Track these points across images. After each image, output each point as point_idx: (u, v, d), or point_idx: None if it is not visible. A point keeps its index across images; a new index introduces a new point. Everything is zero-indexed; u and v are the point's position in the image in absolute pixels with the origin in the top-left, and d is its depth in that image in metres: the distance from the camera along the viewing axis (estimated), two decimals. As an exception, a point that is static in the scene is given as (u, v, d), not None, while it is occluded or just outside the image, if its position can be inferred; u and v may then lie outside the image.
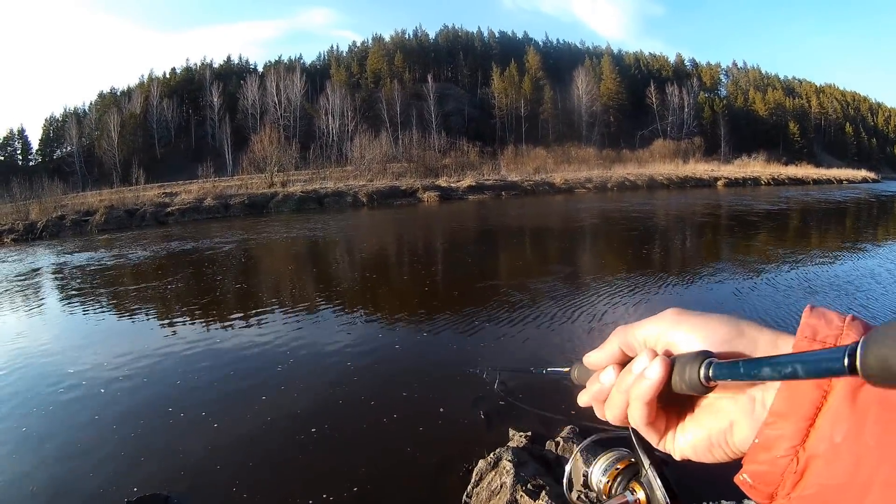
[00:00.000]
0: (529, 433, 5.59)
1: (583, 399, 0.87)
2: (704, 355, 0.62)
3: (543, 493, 4.35)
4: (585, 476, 1.13)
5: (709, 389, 0.62)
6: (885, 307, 10.62)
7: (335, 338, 9.86)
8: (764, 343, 0.65)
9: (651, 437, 0.74)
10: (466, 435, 5.91)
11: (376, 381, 7.69)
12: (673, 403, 0.71)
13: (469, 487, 4.79)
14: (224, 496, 5.13)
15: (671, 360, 0.67)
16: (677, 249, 19.33)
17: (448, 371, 7.99)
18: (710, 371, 0.60)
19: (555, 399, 6.36)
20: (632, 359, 0.76)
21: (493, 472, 4.76)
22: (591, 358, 0.82)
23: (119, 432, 6.37)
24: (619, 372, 0.76)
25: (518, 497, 4.36)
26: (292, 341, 9.68)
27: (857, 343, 0.46)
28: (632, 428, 0.80)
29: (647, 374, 0.67)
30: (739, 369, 0.57)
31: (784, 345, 0.63)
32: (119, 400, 7.31)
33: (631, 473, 0.99)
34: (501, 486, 4.53)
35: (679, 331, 0.71)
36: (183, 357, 9.09)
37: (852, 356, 0.46)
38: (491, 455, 5.01)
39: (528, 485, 4.48)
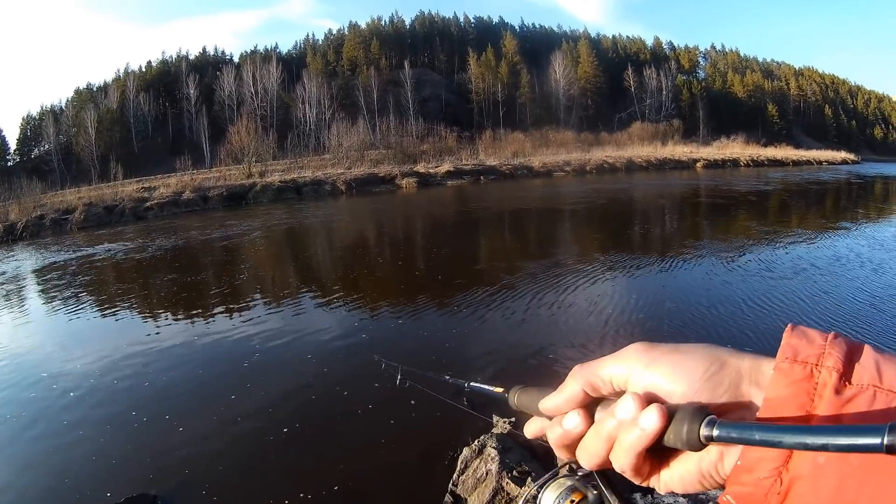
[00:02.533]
0: (513, 419, 5.57)
1: (531, 431, 0.86)
2: (703, 413, 0.59)
3: (529, 479, 4.36)
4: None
5: (705, 446, 0.59)
6: (846, 293, 10.58)
7: (301, 329, 9.87)
8: (746, 370, 0.63)
9: (635, 479, 0.70)
10: (450, 422, 5.89)
11: (348, 373, 7.66)
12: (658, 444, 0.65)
13: (455, 475, 4.79)
14: (203, 500, 5.08)
15: (668, 410, 0.62)
16: (650, 234, 19.40)
17: (426, 360, 7.97)
18: (714, 431, 0.57)
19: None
20: (595, 399, 0.74)
21: (479, 460, 4.76)
22: (548, 403, 0.78)
23: (90, 436, 6.36)
24: (584, 416, 0.73)
25: (504, 484, 4.36)
26: (259, 335, 9.63)
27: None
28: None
29: (643, 425, 0.63)
30: (753, 435, 0.54)
31: (766, 368, 0.62)
32: (90, 402, 7.31)
33: None
34: (487, 474, 4.53)
35: (653, 371, 0.67)
36: (149, 356, 9.02)
37: (893, 436, 0.44)
38: (475, 442, 5.01)
39: (514, 471, 4.48)
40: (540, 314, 9.95)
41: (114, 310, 12.28)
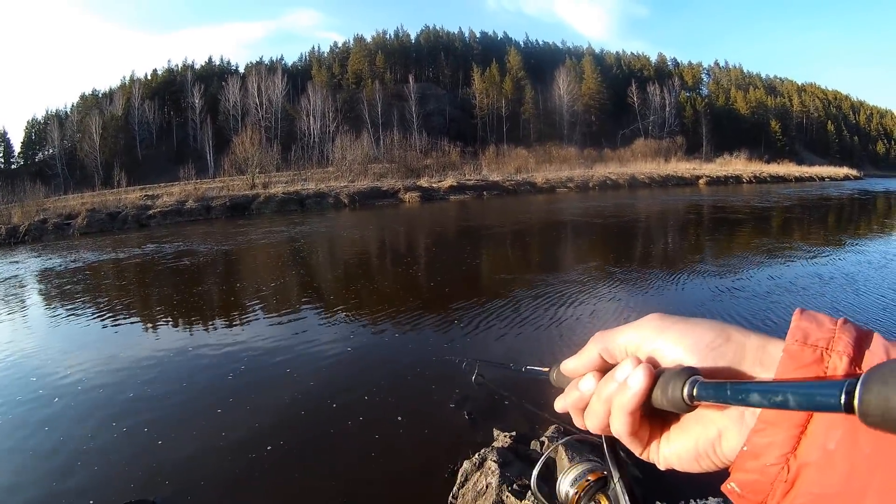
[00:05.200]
0: (514, 433, 5.55)
1: (559, 405, 0.84)
2: (689, 372, 0.60)
3: (529, 493, 4.35)
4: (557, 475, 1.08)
5: (692, 408, 0.60)
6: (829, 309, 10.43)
7: (294, 341, 9.75)
8: (752, 348, 0.63)
9: (634, 448, 0.71)
10: (450, 436, 5.86)
11: (341, 385, 7.55)
12: (657, 412, 0.67)
13: (454, 489, 4.76)
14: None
15: (656, 372, 0.64)
16: (654, 249, 19.35)
17: (425, 369, 7.87)
18: (695, 391, 0.58)
19: (537, 398, 6.01)
20: (613, 366, 0.74)
21: (479, 473, 4.75)
22: (568, 365, 0.80)
23: (84, 443, 6.29)
24: (599, 380, 0.74)
25: (504, 497, 4.35)
26: (253, 347, 9.49)
27: (857, 379, 0.44)
28: (604, 438, 0.81)
29: (630, 384, 0.64)
30: (726, 392, 0.55)
31: (773, 349, 0.61)
32: (83, 408, 7.23)
33: (600, 486, 0.97)
34: (487, 487, 4.52)
35: (663, 338, 0.68)
36: (136, 366, 8.85)
37: (850, 394, 0.43)
38: (476, 455, 4.99)
39: (514, 485, 4.48)
40: (553, 327, 9.94)
41: (108, 317, 12.17)
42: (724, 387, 0.55)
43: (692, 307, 10.79)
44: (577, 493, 0.97)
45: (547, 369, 1.04)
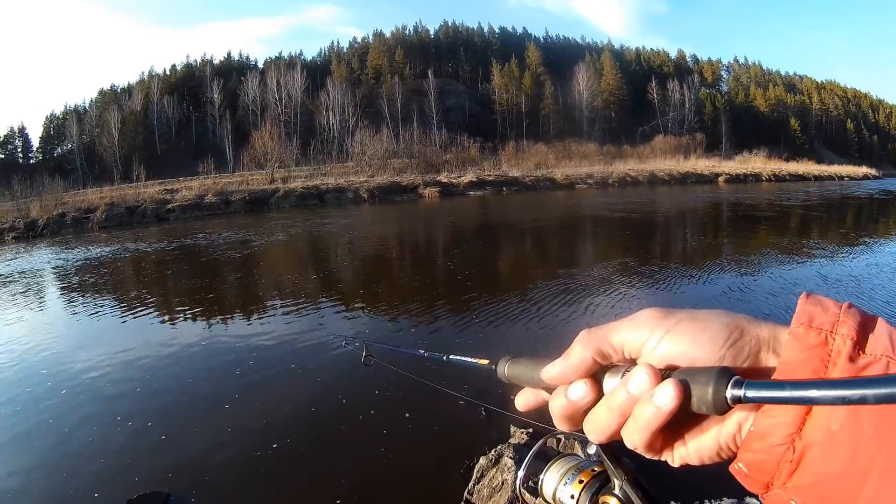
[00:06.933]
0: (531, 430, 5.51)
1: (522, 402, 0.83)
2: (728, 373, 0.56)
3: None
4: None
5: (732, 409, 0.56)
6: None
7: (306, 336, 9.70)
8: (765, 338, 0.62)
9: (647, 454, 0.67)
10: (464, 432, 5.82)
11: (349, 382, 7.51)
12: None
13: (470, 485, 4.72)
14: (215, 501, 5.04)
15: (683, 381, 0.59)
16: (667, 246, 19.28)
17: (440, 367, 7.71)
18: (744, 392, 0.54)
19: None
20: (603, 366, 0.70)
21: (495, 469, 4.72)
22: (553, 371, 0.73)
23: (95, 434, 6.31)
24: (592, 386, 0.69)
25: (520, 494, 4.32)
26: (264, 342, 9.47)
27: None
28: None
29: (658, 402, 0.59)
30: (785, 390, 0.51)
31: (784, 337, 0.60)
32: (74, 403, 7.23)
33: (602, 485, 0.90)
34: (503, 484, 4.49)
35: (672, 337, 0.65)
36: (144, 360, 8.86)
37: None
38: (492, 452, 4.95)
39: (530, 482, 4.44)
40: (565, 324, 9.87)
41: (120, 311, 12.32)
42: (782, 385, 0.52)
43: (697, 304, 10.65)
44: (574, 493, 0.93)
45: (485, 361, 0.99)
